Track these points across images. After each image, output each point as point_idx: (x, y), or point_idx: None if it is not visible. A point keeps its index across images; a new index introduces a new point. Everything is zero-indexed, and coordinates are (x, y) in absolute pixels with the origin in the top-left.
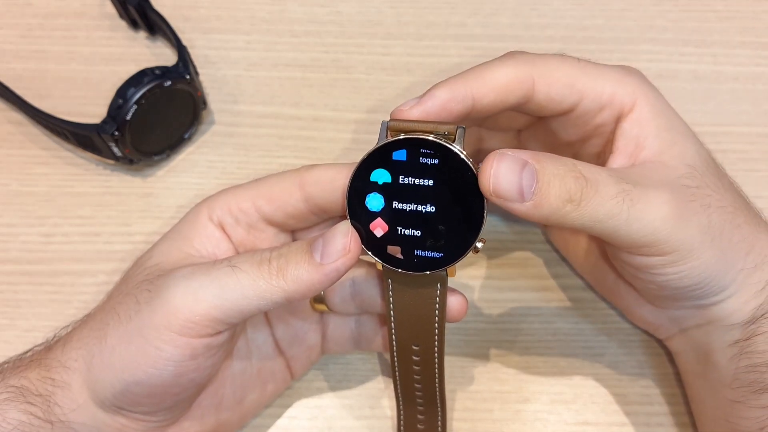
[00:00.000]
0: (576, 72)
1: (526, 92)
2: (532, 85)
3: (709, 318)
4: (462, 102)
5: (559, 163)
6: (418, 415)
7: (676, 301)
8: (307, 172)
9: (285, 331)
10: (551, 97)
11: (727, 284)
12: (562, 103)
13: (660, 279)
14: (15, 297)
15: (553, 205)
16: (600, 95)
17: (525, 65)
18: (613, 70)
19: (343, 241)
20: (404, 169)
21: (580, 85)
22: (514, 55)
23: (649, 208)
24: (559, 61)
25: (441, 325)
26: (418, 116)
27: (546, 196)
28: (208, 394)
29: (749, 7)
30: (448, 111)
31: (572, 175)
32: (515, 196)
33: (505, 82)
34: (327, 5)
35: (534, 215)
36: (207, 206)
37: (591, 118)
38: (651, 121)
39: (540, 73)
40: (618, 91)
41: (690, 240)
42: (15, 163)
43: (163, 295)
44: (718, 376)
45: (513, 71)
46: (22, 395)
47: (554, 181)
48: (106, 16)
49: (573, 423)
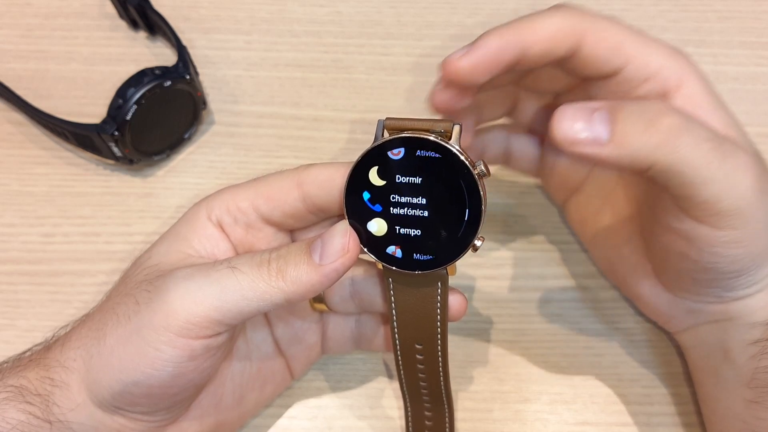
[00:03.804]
0: (626, 36)
1: (573, 45)
2: (582, 38)
3: (730, 314)
4: (512, 51)
5: (637, 102)
6: (426, 411)
7: (706, 288)
8: (305, 171)
9: (284, 331)
10: (597, 55)
11: (759, 279)
12: (607, 64)
13: (709, 259)
14: (15, 297)
15: (638, 141)
16: (647, 65)
17: (575, 18)
18: (663, 45)
19: (341, 241)
20: (401, 167)
21: (627, 49)
22: (564, 6)
23: (740, 168)
24: (609, 21)
25: (443, 324)
26: (469, 65)
27: (628, 133)
28: (208, 394)
29: (749, 7)
30: (500, 60)
31: (658, 108)
32: (590, 141)
33: (554, 31)
34: (327, 5)
35: (618, 157)
36: (206, 206)
37: (633, 88)
38: (706, 99)
39: (589, 28)
40: (667, 64)
41: (759, 221)
42: (15, 163)
43: (162, 296)
44: (735, 374)
45: (563, 22)
46: (21, 395)
47: (635, 116)
48: (106, 16)
49: (573, 423)
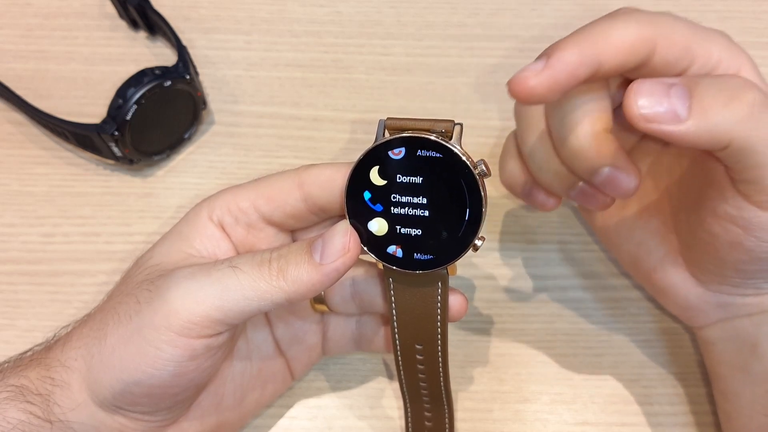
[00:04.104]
0: (690, 34)
1: (647, 54)
2: (654, 46)
3: (764, 306)
4: (589, 66)
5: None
6: (425, 412)
7: (750, 279)
8: (306, 171)
9: (285, 331)
10: (668, 61)
11: None
12: (676, 67)
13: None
14: (15, 297)
15: (717, 116)
16: (709, 59)
17: (648, 25)
18: (718, 34)
19: (342, 240)
20: (402, 167)
21: (694, 48)
22: (632, 12)
23: None
24: (672, 21)
25: (443, 324)
26: (547, 85)
27: (707, 109)
28: (208, 394)
29: (749, 7)
30: (576, 77)
31: (737, 83)
32: (669, 118)
33: (631, 42)
34: (327, 5)
35: (697, 133)
36: (207, 206)
37: None
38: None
39: (662, 33)
40: (724, 56)
41: None
42: (15, 163)
43: (163, 296)
44: (763, 368)
45: (638, 31)
46: (21, 394)
47: (714, 90)
48: (106, 16)
49: (573, 423)
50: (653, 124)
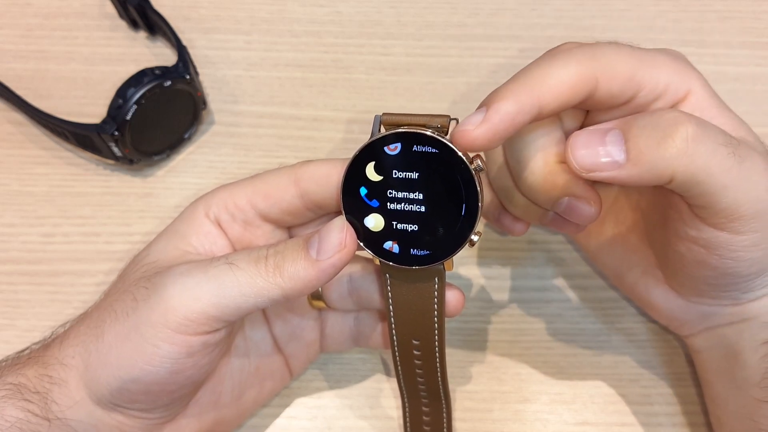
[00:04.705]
0: (634, 63)
1: (589, 92)
2: (596, 83)
3: (744, 315)
4: (529, 113)
5: (648, 114)
6: (423, 408)
7: (724, 291)
8: (302, 168)
9: (283, 328)
10: (612, 93)
11: None
12: (620, 98)
13: (729, 264)
14: (15, 297)
15: (654, 154)
16: (656, 85)
17: (587, 62)
18: (665, 57)
19: (338, 236)
20: (398, 163)
21: (638, 77)
22: (571, 50)
23: (758, 170)
24: (615, 52)
25: (440, 319)
26: (488, 137)
27: (643, 149)
28: (206, 392)
29: (749, 7)
30: (516, 125)
31: (671, 118)
32: (607, 165)
33: (571, 85)
34: (327, 5)
35: (638, 175)
36: (204, 203)
37: (644, 108)
38: (712, 102)
39: (602, 69)
40: (673, 79)
41: None
42: (15, 163)
43: (160, 293)
44: (746, 374)
45: (576, 71)
46: (19, 392)
47: (647, 131)
48: (106, 16)
49: (573, 423)
50: (595, 173)
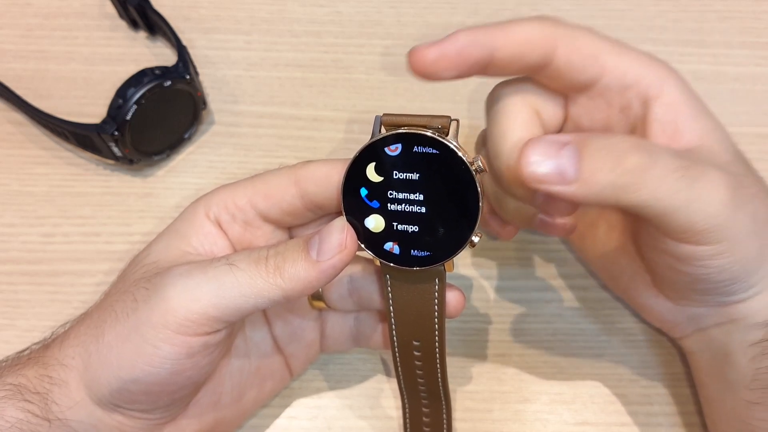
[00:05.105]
0: (601, 45)
1: (547, 52)
2: (555, 46)
3: (731, 316)
4: (479, 50)
5: (605, 137)
6: (423, 408)
7: (706, 296)
8: (303, 168)
9: (283, 329)
10: (572, 64)
11: (757, 281)
12: (582, 74)
13: (699, 271)
14: (15, 297)
15: (604, 180)
16: (624, 74)
17: (550, 26)
18: (640, 53)
19: (339, 237)
20: (399, 164)
21: (603, 59)
22: (542, 16)
23: (710, 187)
24: (585, 32)
25: (441, 320)
26: (434, 57)
27: (594, 172)
28: (207, 392)
29: (749, 7)
30: (466, 56)
31: (625, 146)
32: (557, 179)
33: (527, 37)
34: (327, 5)
35: (585, 195)
36: (204, 203)
37: (614, 98)
38: (686, 105)
39: (564, 36)
40: (644, 73)
41: (740, 230)
42: (15, 163)
43: (160, 293)
44: (736, 376)
45: (537, 28)
46: (19, 393)
47: (601, 154)
48: (106, 16)
49: (573, 423)
50: (543, 184)
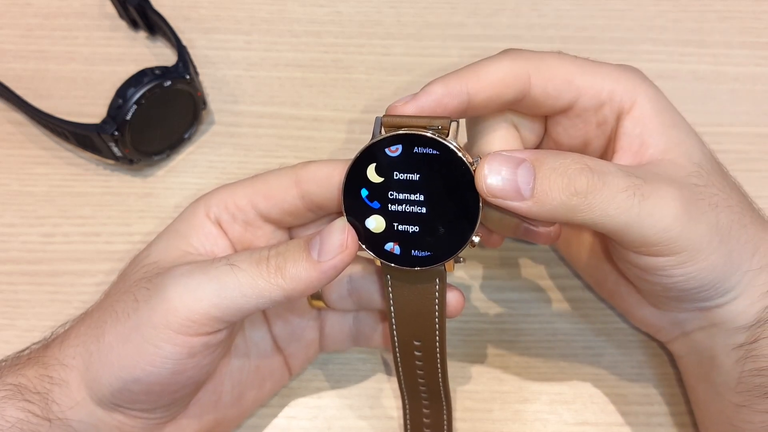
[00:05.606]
0: (573, 69)
1: (522, 88)
2: (528, 80)
3: (713, 320)
4: (457, 97)
5: (560, 157)
6: (424, 409)
7: (681, 303)
8: (303, 168)
9: (283, 328)
10: (548, 93)
11: (733, 286)
12: (559, 100)
13: (666, 281)
14: (15, 297)
15: (556, 199)
16: (599, 92)
17: (521, 61)
18: (611, 68)
19: (339, 237)
20: (399, 164)
21: (577, 82)
22: (510, 51)
23: (661, 203)
24: (555, 58)
25: (441, 320)
26: (412, 112)
27: (547, 191)
28: (207, 392)
29: (749, 7)
30: (444, 106)
31: (576, 167)
32: (512, 195)
33: (500, 77)
34: (327, 5)
35: (538, 213)
36: (204, 203)
37: (590, 116)
38: (654, 119)
39: (536, 68)
40: (617, 88)
41: (699, 240)
42: (15, 163)
43: (161, 294)
44: (722, 379)
45: (509, 67)
46: (20, 393)
47: (555, 175)
48: (106, 16)
49: (573, 423)
50: (498, 199)
